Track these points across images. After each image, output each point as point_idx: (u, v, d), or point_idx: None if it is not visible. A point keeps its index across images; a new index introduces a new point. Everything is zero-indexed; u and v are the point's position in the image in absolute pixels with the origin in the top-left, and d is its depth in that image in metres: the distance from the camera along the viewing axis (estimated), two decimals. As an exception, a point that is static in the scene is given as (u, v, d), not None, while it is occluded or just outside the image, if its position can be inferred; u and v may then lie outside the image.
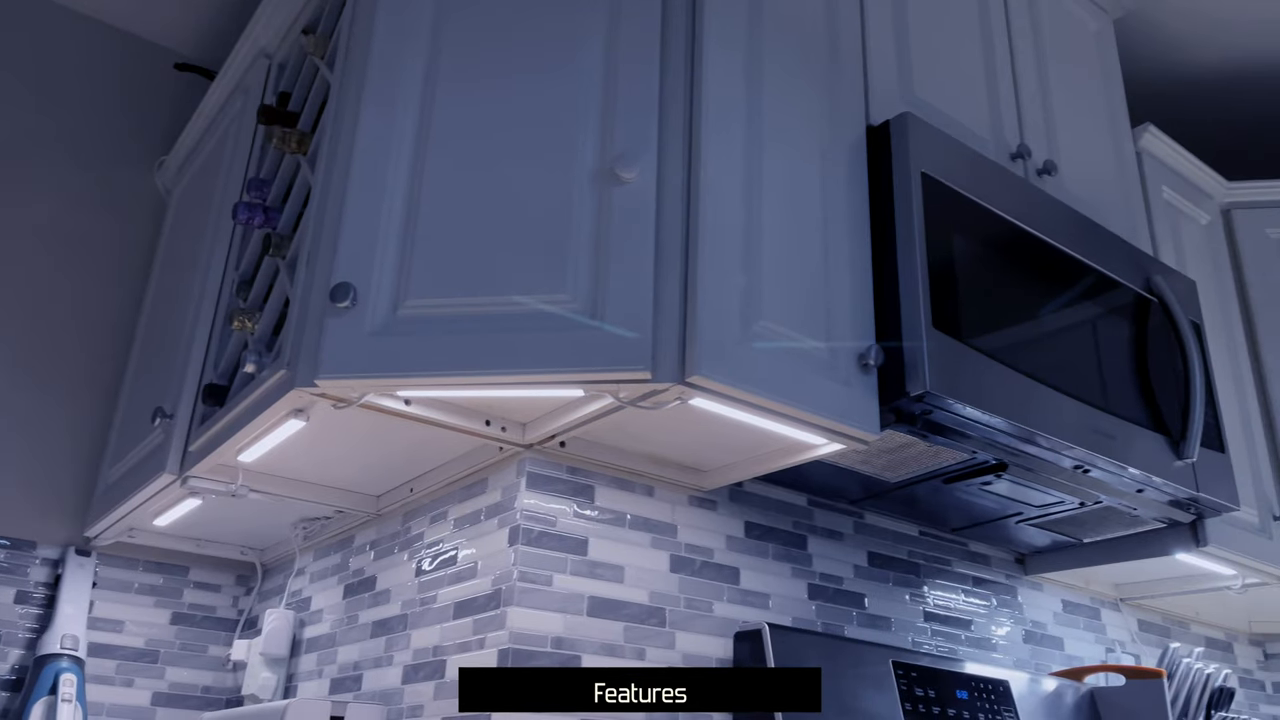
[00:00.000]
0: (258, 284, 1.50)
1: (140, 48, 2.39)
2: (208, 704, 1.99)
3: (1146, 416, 1.60)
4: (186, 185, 2.14)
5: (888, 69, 1.56)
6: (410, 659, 1.45)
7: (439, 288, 1.17)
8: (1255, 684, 2.40)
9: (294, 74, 1.68)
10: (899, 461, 1.48)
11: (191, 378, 1.61)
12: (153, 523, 1.82)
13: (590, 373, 1.12)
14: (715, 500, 1.53)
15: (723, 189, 1.24)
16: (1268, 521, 1.93)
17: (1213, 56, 2.44)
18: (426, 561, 1.49)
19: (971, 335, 1.37)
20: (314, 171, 1.36)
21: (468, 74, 1.28)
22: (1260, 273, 2.18)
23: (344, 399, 1.20)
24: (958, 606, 1.80)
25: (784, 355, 1.22)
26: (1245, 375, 2.07)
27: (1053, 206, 1.62)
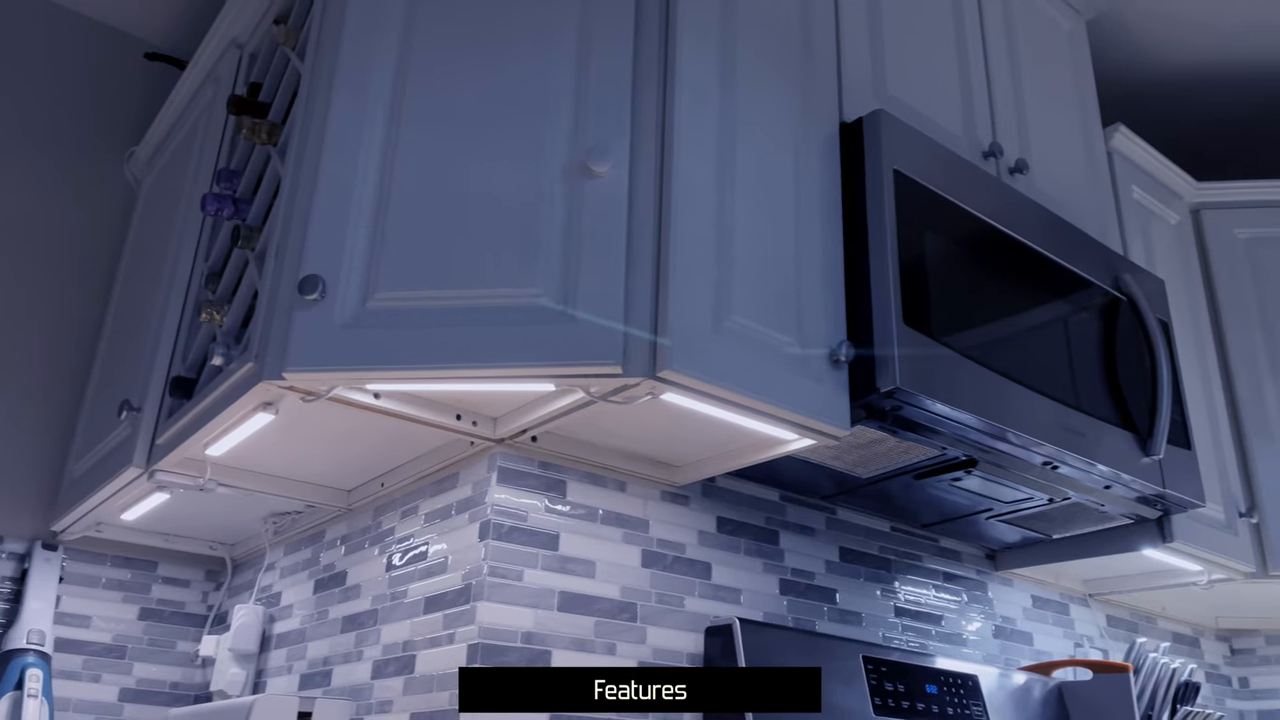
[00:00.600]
0: (227, 276, 1.49)
1: (110, 37, 2.36)
2: (176, 700, 1.97)
3: (1115, 414, 1.62)
4: (156, 176, 2.11)
5: (862, 66, 1.57)
6: (380, 654, 1.44)
7: (409, 280, 1.16)
8: (1222, 679, 2.44)
9: (265, 64, 1.66)
10: (870, 457, 1.48)
11: (159, 370, 1.60)
12: (120, 517, 1.80)
13: (561, 367, 1.12)
14: (688, 495, 1.53)
15: (695, 184, 1.24)
16: (1233, 518, 1.96)
17: (1184, 58, 2.47)
18: (397, 556, 1.49)
19: (942, 332, 1.38)
20: (284, 163, 1.35)
21: (439, 66, 1.27)
22: (1228, 272, 2.21)
23: (312, 392, 1.19)
24: (929, 602, 1.82)
25: (755, 351, 1.23)
26: (1213, 374, 2.10)
27: (1024, 205, 1.63)
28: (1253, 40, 2.40)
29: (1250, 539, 1.98)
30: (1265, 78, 2.53)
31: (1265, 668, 2.46)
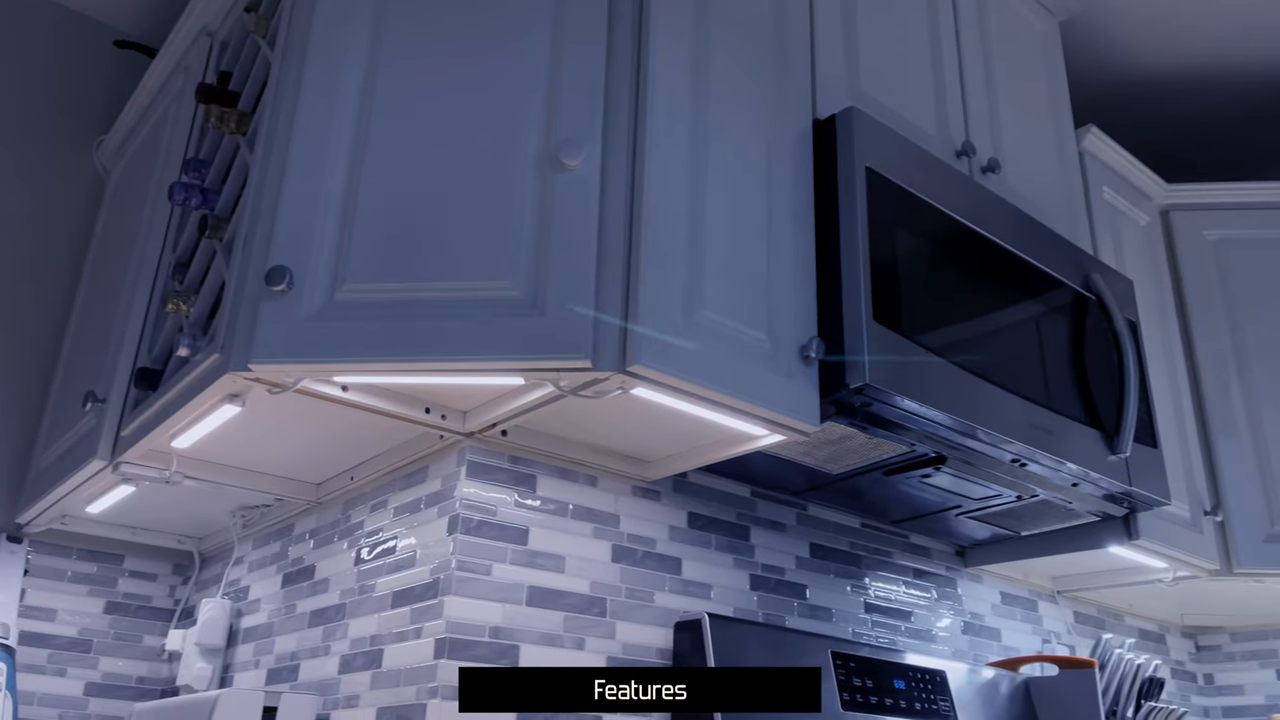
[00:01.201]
0: (194, 266, 1.47)
1: (79, 24, 2.33)
2: (142, 694, 1.95)
3: (1083, 412, 1.63)
4: (125, 165, 2.09)
5: (835, 63, 1.57)
6: (347, 649, 1.43)
7: (378, 272, 1.15)
8: (1187, 675, 2.47)
9: (236, 53, 1.65)
10: (840, 453, 1.49)
11: (125, 361, 1.58)
12: (86, 509, 1.78)
13: (530, 361, 1.11)
14: (659, 491, 1.53)
15: (667, 178, 1.23)
16: (1198, 516, 1.98)
17: (1156, 61, 2.49)
18: (366, 550, 1.48)
19: (912, 329, 1.38)
20: (253, 152, 1.34)
21: (411, 56, 1.26)
22: (1196, 273, 2.23)
23: (279, 384, 1.18)
24: (898, 598, 1.83)
25: (726, 346, 1.23)
26: (1180, 374, 2.12)
27: (995, 204, 1.64)
28: (1224, 44, 2.43)
29: (1215, 537, 2.00)
30: (1236, 81, 2.56)
31: (1230, 664, 2.49)
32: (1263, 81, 2.55)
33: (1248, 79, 2.55)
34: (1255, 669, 2.46)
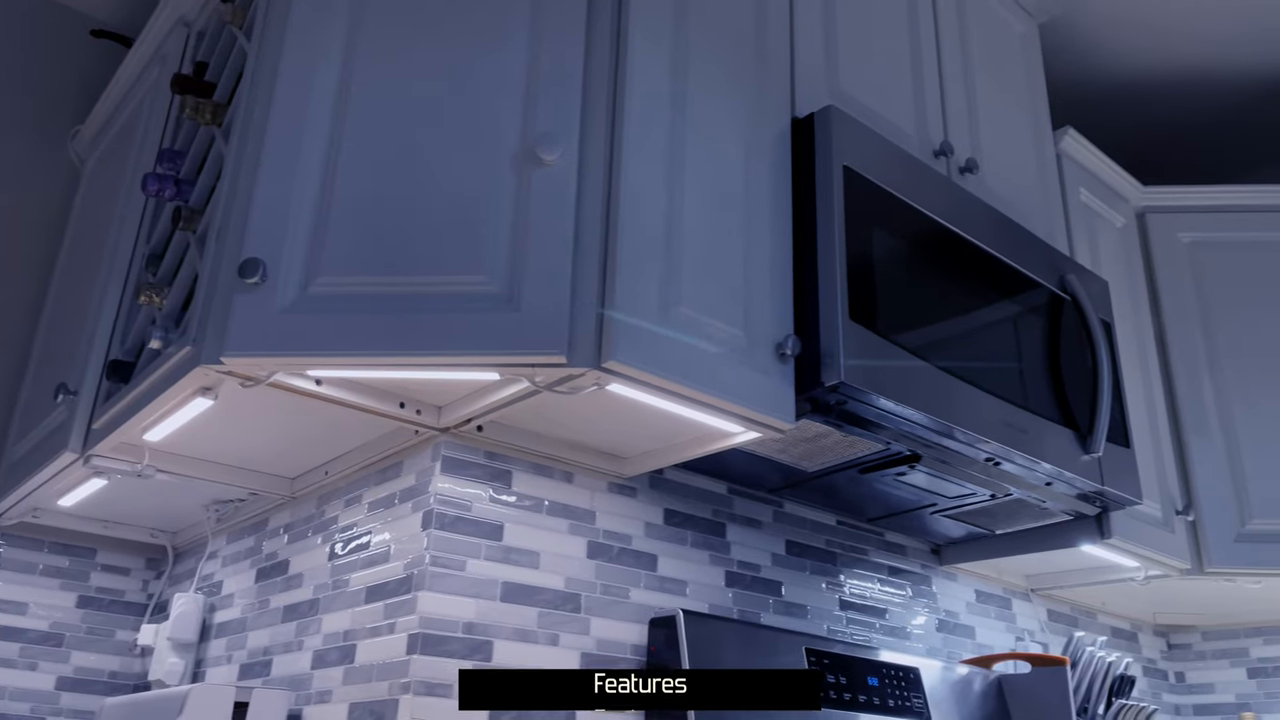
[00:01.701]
0: (168, 258, 1.46)
1: (55, 13, 2.30)
2: (114, 689, 1.94)
3: (1057, 412, 1.64)
4: (100, 156, 2.07)
5: (814, 62, 1.57)
6: (320, 644, 1.42)
7: (352, 266, 1.15)
8: (1159, 673, 2.49)
9: (212, 44, 1.63)
10: (816, 451, 1.49)
11: (97, 353, 1.56)
12: (58, 503, 1.76)
13: (505, 356, 1.11)
14: (635, 487, 1.53)
15: (644, 174, 1.23)
16: (1170, 516, 2.00)
17: (1134, 64, 2.51)
18: (340, 545, 1.47)
19: (888, 328, 1.39)
20: (228, 144, 1.33)
21: (388, 49, 1.25)
22: (1171, 275, 2.25)
23: (252, 377, 1.17)
24: (874, 595, 1.83)
25: (702, 343, 1.23)
26: (1154, 375, 2.14)
27: (973, 204, 1.65)
28: (1202, 48, 2.45)
29: (1186, 536, 2.02)
30: (1213, 85, 2.58)
31: (1201, 663, 2.52)
32: (1238, 86, 2.58)
33: (1224, 83, 2.57)
34: (1226, 667, 2.49)
